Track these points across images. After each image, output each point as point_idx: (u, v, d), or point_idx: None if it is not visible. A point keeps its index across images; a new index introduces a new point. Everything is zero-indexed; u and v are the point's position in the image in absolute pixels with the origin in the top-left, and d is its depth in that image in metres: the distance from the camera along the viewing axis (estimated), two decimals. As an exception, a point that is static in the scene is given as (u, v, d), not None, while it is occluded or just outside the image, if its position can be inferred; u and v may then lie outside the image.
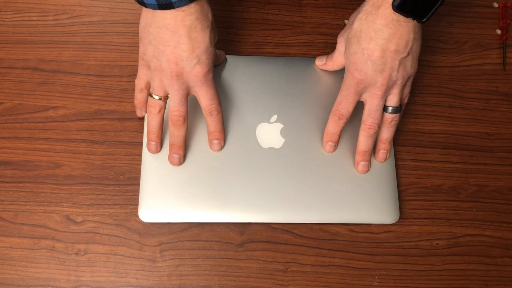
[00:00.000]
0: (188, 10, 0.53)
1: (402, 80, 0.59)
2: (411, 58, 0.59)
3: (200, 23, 0.54)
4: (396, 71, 0.58)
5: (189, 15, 0.53)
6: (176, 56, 0.54)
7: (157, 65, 0.56)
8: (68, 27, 0.70)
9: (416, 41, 0.58)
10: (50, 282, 0.59)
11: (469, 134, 0.69)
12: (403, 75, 0.59)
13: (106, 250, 0.60)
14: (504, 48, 0.73)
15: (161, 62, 0.55)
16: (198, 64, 0.55)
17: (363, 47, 0.57)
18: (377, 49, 0.57)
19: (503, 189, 0.66)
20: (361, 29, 0.57)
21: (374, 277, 0.61)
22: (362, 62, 0.58)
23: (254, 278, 0.61)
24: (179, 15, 0.53)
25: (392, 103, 0.60)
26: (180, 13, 0.53)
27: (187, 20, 0.53)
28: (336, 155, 0.64)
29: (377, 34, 0.56)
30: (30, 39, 0.69)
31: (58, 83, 0.67)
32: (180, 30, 0.53)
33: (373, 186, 0.63)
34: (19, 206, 0.61)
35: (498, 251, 0.64)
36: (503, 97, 0.71)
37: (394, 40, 0.56)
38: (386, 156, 0.64)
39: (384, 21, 0.56)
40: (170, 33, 0.54)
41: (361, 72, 0.58)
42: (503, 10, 0.74)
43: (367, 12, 0.57)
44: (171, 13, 0.53)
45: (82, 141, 0.64)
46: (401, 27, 0.56)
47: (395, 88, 0.60)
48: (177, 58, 0.55)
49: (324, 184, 0.62)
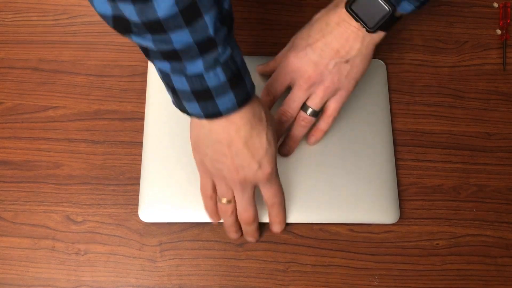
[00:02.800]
0: (240, 121, 0.49)
1: (331, 84, 0.58)
2: (349, 69, 0.58)
3: (255, 130, 0.50)
4: (328, 71, 0.57)
5: (242, 126, 0.49)
6: (236, 166, 0.51)
7: (218, 174, 0.53)
8: (68, 27, 0.70)
9: (361, 57, 0.58)
10: (50, 282, 0.59)
11: (469, 134, 0.69)
12: (334, 81, 0.58)
13: (106, 250, 0.60)
14: (504, 48, 0.73)
15: (222, 171, 0.52)
16: (259, 169, 0.52)
17: (309, 33, 0.58)
18: (320, 40, 0.57)
19: (503, 189, 0.66)
20: (316, 19, 0.59)
21: (374, 277, 0.61)
22: (303, 46, 0.58)
23: (254, 278, 0.61)
24: (232, 129, 0.49)
25: (311, 104, 0.59)
26: (232, 126, 0.49)
27: (242, 131, 0.49)
28: (336, 156, 0.64)
29: (327, 28, 0.57)
30: (30, 39, 0.69)
31: (58, 83, 0.67)
32: (236, 142, 0.50)
33: (373, 186, 0.63)
34: (19, 206, 0.61)
35: (498, 251, 0.64)
36: (503, 97, 0.71)
37: (340, 41, 0.57)
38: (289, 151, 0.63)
39: (337, 18, 0.57)
40: (226, 147, 0.50)
41: (297, 55, 0.58)
42: (503, 10, 0.74)
43: (328, 9, 0.59)
44: (223, 128, 0.49)
45: (82, 141, 0.64)
46: (351, 32, 0.56)
47: (320, 88, 0.58)
48: (237, 167, 0.51)
49: (324, 184, 0.62)
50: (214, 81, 0.46)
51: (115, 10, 0.42)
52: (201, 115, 0.48)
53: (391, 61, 0.71)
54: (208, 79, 0.45)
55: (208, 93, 0.46)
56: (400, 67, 0.71)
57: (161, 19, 0.41)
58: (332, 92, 0.59)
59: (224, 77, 0.46)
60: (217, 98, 0.46)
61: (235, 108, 0.48)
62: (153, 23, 0.41)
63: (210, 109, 0.47)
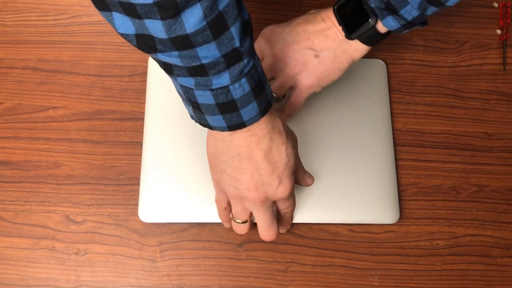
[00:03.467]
0: (260, 131, 0.48)
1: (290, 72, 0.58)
2: (315, 65, 0.57)
3: (275, 143, 0.49)
4: (294, 58, 0.57)
5: (262, 138, 0.48)
6: (256, 183, 0.50)
7: (236, 194, 0.52)
8: (68, 27, 0.70)
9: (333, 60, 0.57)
10: (50, 282, 0.59)
11: (469, 134, 0.69)
12: (295, 70, 0.58)
13: (106, 250, 0.60)
14: (504, 48, 0.73)
15: (240, 190, 0.51)
16: (280, 184, 0.51)
17: (297, 19, 0.59)
18: (302, 26, 0.57)
19: (503, 189, 0.66)
20: (309, 12, 0.59)
21: (374, 277, 0.61)
22: (284, 24, 0.59)
23: (254, 278, 0.61)
24: (253, 141, 0.48)
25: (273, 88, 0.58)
26: (253, 138, 0.48)
27: (262, 144, 0.48)
28: (336, 156, 0.64)
29: (313, 20, 0.57)
30: (30, 39, 0.69)
31: (58, 83, 0.67)
32: (256, 156, 0.49)
33: (373, 186, 0.63)
34: (19, 206, 0.61)
35: (498, 251, 0.64)
36: (503, 97, 0.71)
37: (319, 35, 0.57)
38: None
39: (325, 15, 0.57)
40: (245, 161, 0.49)
41: (274, 30, 0.59)
42: (503, 10, 0.74)
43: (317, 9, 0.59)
44: (244, 140, 0.48)
45: (82, 141, 0.64)
46: (333, 31, 0.56)
47: (280, 74, 0.59)
48: (257, 184, 0.50)
49: (324, 184, 0.62)
50: (240, 92, 0.45)
51: (139, 29, 0.40)
52: (224, 127, 0.47)
53: (391, 61, 0.71)
54: (234, 91, 0.45)
55: (233, 105, 0.45)
56: (400, 67, 0.71)
57: (189, 34, 0.40)
58: (291, 82, 0.58)
59: (248, 88, 0.45)
60: (241, 109, 0.46)
61: (259, 117, 0.47)
62: (181, 39, 0.40)
63: (234, 120, 0.46)
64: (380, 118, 0.66)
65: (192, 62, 0.42)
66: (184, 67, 0.43)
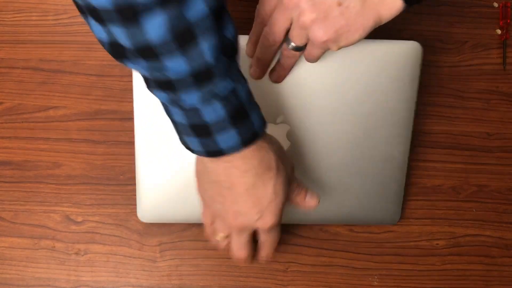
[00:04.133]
0: (243, 166, 0.44)
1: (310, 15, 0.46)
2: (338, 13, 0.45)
3: (260, 178, 0.45)
4: None
5: (245, 173, 0.44)
6: (235, 212, 0.47)
7: (217, 213, 0.49)
8: (69, 26, 0.70)
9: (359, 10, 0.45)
10: (50, 282, 0.59)
11: (469, 134, 0.69)
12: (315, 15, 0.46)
13: (106, 250, 0.61)
14: (504, 48, 0.73)
15: (220, 211, 0.48)
16: (260, 219, 0.47)
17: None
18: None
19: (503, 189, 0.66)
20: None
21: (374, 277, 0.61)
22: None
23: (254, 278, 0.61)
24: (234, 173, 0.44)
25: (291, 36, 0.49)
26: (235, 171, 0.44)
27: (245, 177, 0.45)
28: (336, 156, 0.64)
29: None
30: (30, 39, 0.69)
31: (58, 83, 0.67)
32: (237, 188, 0.45)
33: (373, 186, 0.63)
34: (19, 206, 0.62)
35: (498, 251, 0.64)
36: (503, 97, 0.71)
37: None
38: None
39: None
40: (225, 190, 0.46)
41: None
42: (503, 10, 0.74)
43: None
44: (224, 170, 0.45)
45: (82, 141, 0.64)
46: None
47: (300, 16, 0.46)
48: (236, 213, 0.47)
49: (324, 184, 0.62)
50: (212, 115, 0.42)
51: (109, 36, 0.39)
52: (202, 152, 0.44)
53: (391, 61, 0.71)
54: (206, 113, 0.42)
55: (207, 129, 0.42)
56: (400, 67, 0.71)
57: (152, 43, 0.37)
58: (305, 32, 0.48)
59: (224, 113, 0.42)
60: (216, 135, 0.43)
61: (239, 147, 0.43)
62: (144, 48, 0.38)
63: (210, 146, 0.43)
64: (402, 115, 0.60)
65: (159, 74, 0.40)
66: (152, 79, 0.41)
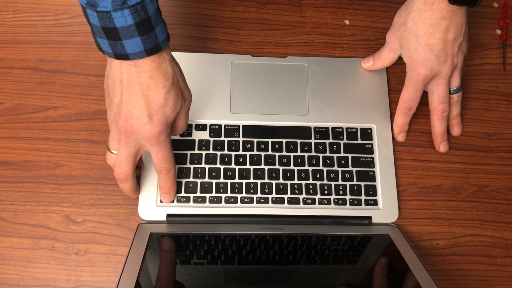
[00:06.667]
0: (143, 66, 0.49)
1: (461, 62, 0.64)
2: (465, 39, 0.63)
3: (154, 81, 0.50)
4: (456, 57, 0.63)
5: (143, 72, 0.49)
6: (127, 112, 0.51)
7: (111, 118, 0.53)
8: (68, 27, 0.70)
9: (466, 23, 0.62)
10: (50, 282, 0.59)
11: (469, 134, 0.69)
12: (461, 57, 0.64)
13: (106, 250, 0.60)
14: (504, 48, 0.73)
15: (114, 114, 0.52)
16: (148, 123, 0.51)
17: (424, 43, 0.61)
18: (438, 43, 0.60)
19: (503, 189, 0.66)
20: (417, 27, 0.61)
21: (374, 277, 0.61)
22: (426, 58, 0.61)
23: (254, 278, 0.61)
24: (133, 71, 0.49)
25: (455, 85, 0.65)
26: (133, 69, 0.49)
27: (141, 77, 0.49)
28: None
29: (435, 29, 0.60)
30: (30, 39, 0.69)
31: (58, 83, 0.67)
32: (133, 86, 0.50)
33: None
34: (19, 206, 0.61)
35: (498, 251, 0.64)
36: (503, 97, 0.71)
37: (451, 30, 0.60)
38: (461, 129, 0.68)
39: (439, 14, 0.59)
40: (124, 88, 0.50)
41: (427, 68, 0.62)
42: (503, 10, 0.74)
43: (420, 10, 0.61)
44: (126, 68, 0.49)
45: (82, 141, 0.64)
46: (455, 16, 0.60)
47: (456, 71, 0.64)
48: (127, 114, 0.51)
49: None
50: (122, 22, 0.46)
51: None
52: (111, 54, 0.49)
53: (391, 61, 0.71)
54: (116, 19, 0.46)
55: (116, 33, 0.47)
56: (400, 67, 0.71)
57: None
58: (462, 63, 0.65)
59: (131, 21, 0.46)
60: (124, 40, 0.47)
61: (143, 54, 0.48)
62: None
63: (118, 49, 0.48)
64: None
65: None
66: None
